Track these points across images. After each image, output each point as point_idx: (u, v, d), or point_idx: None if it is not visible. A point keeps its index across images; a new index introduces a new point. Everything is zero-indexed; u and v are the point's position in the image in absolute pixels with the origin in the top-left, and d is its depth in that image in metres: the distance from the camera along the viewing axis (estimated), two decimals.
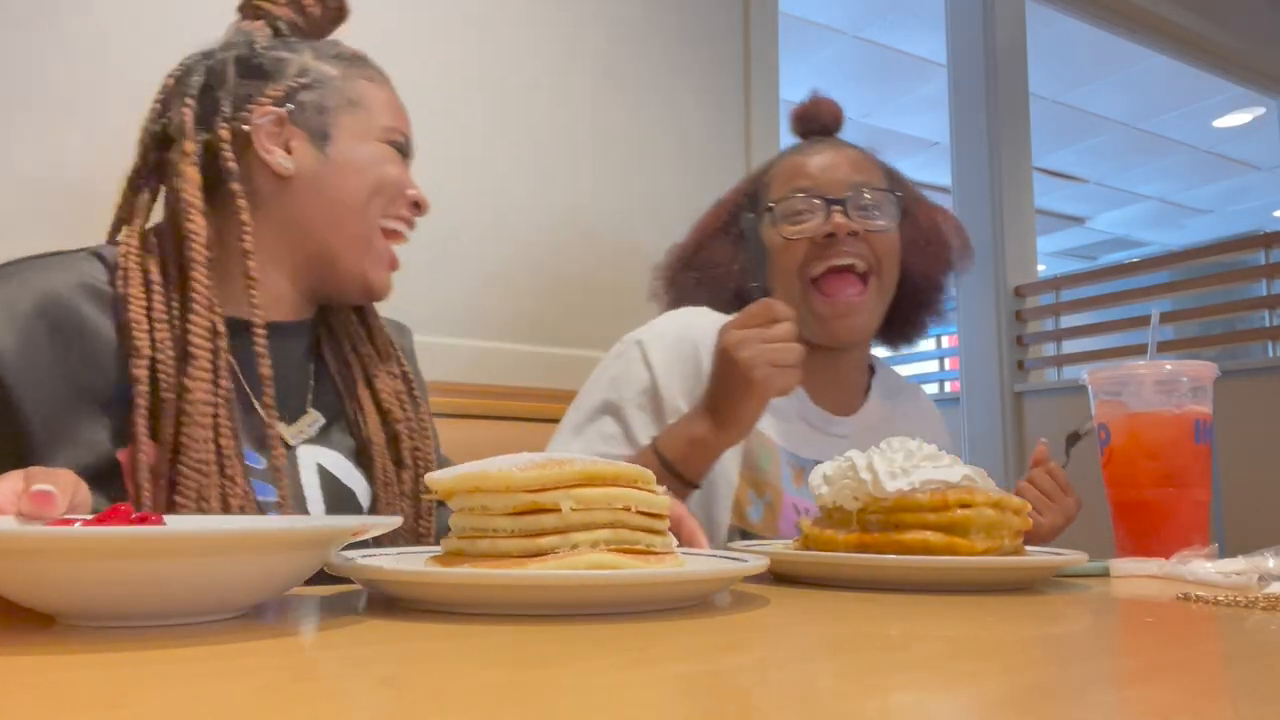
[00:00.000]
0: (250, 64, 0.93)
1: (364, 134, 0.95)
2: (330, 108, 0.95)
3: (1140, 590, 0.76)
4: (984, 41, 2.92)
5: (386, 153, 0.96)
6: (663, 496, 0.62)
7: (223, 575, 0.48)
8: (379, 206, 0.95)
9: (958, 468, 0.75)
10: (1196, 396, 0.95)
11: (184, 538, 0.46)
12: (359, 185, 0.94)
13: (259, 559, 0.49)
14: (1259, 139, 5.15)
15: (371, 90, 0.97)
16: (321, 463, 0.92)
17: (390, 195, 0.96)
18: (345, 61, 0.97)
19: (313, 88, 0.94)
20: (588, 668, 0.40)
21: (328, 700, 0.34)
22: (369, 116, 0.96)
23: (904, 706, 0.35)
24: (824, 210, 1.13)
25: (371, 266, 0.95)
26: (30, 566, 0.45)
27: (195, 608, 0.49)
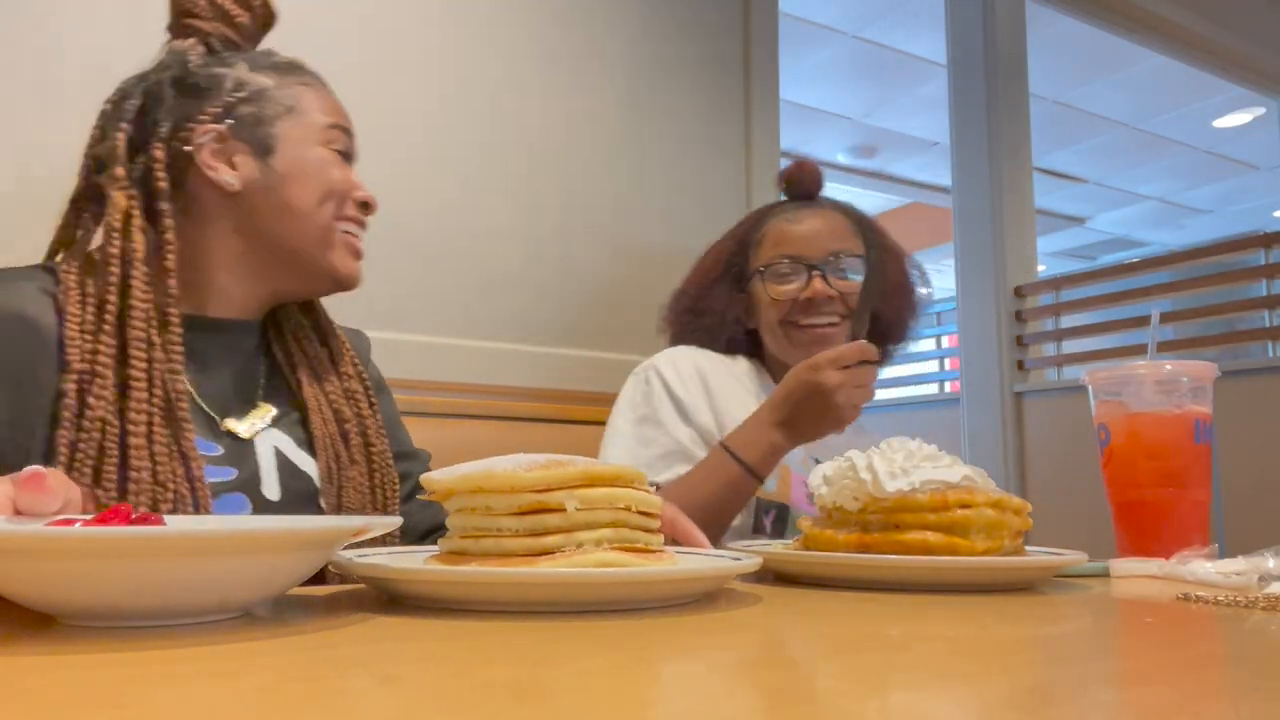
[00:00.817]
0: (186, 83, 0.95)
1: (305, 140, 0.97)
2: (269, 118, 0.96)
3: (1140, 590, 0.76)
4: (984, 41, 2.92)
5: (329, 157, 0.97)
6: (655, 496, 0.63)
7: (222, 575, 0.48)
8: (329, 210, 0.97)
9: (958, 468, 0.75)
10: (1196, 396, 0.95)
11: (183, 538, 0.46)
12: (306, 193, 0.95)
13: (258, 559, 0.49)
14: (1259, 139, 5.15)
15: (308, 95, 0.99)
16: (279, 446, 0.94)
17: (338, 198, 0.98)
18: (280, 70, 0.99)
19: (250, 100, 0.96)
20: (588, 667, 0.40)
21: (328, 700, 0.34)
22: (308, 121, 0.97)
23: (904, 706, 0.35)
24: (805, 274, 1.34)
25: (336, 258, 0.97)
26: (30, 566, 0.45)
27: (195, 608, 0.49)
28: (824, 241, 1.35)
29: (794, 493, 1.28)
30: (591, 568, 0.56)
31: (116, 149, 0.91)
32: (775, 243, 1.38)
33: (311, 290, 1.01)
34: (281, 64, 1.00)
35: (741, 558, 0.68)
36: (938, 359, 4.80)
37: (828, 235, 1.36)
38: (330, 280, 0.99)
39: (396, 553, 0.70)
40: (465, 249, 1.58)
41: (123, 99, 0.94)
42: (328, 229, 0.97)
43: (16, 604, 0.48)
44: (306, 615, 0.55)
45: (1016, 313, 2.86)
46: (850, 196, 6.79)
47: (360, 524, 0.55)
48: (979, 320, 2.92)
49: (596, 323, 1.53)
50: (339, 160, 0.99)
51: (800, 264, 1.34)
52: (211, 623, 0.49)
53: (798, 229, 1.37)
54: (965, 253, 2.99)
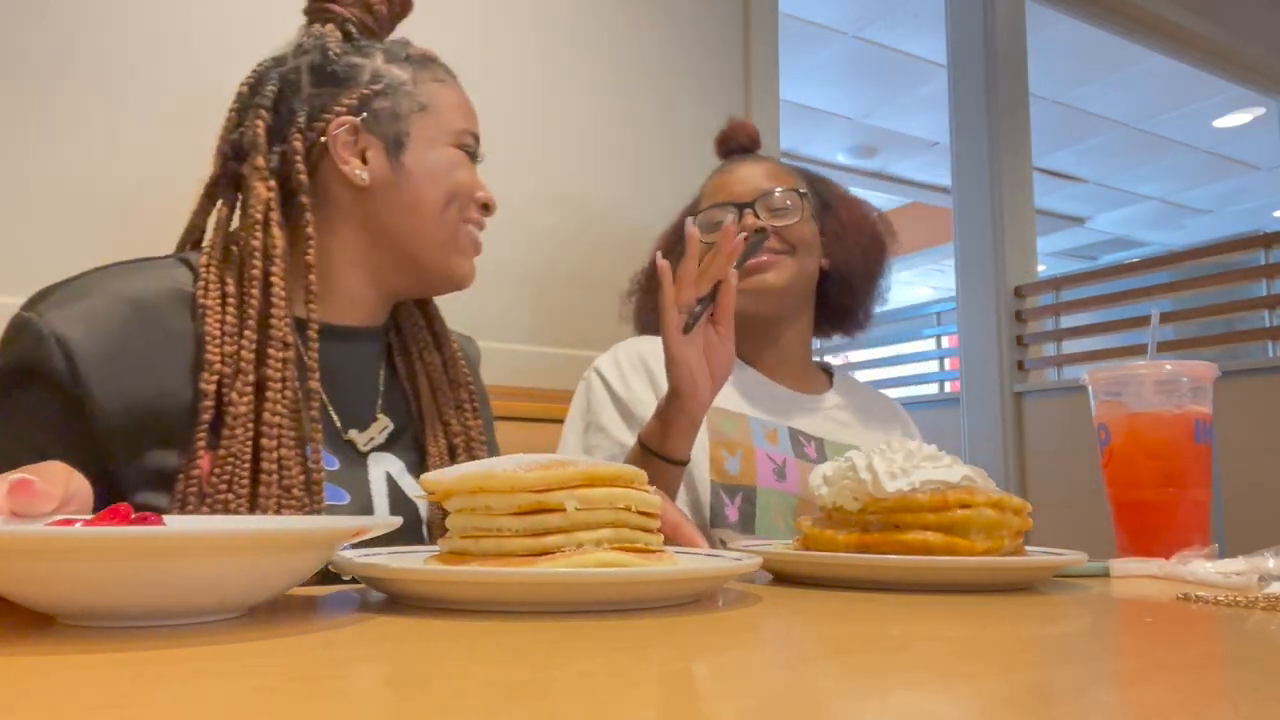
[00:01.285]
0: (324, 71, 0.92)
1: (436, 139, 0.95)
2: (403, 114, 0.94)
3: (1140, 590, 0.76)
4: (984, 41, 2.92)
5: (457, 157, 0.96)
6: (654, 496, 0.63)
7: (222, 575, 0.48)
8: (455, 212, 0.96)
9: (958, 468, 0.75)
10: (1196, 396, 0.95)
11: (180, 538, 0.46)
12: (434, 193, 0.94)
13: (257, 559, 0.49)
14: (1259, 139, 5.15)
15: (442, 93, 0.97)
16: (390, 471, 0.92)
17: (464, 200, 0.97)
18: (416, 64, 0.97)
19: (386, 94, 0.94)
20: (588, 667, 0.40)
21: (328, 700, 0.34)
22: (440, 120, 0.96)
23: (904, 706, 0.35)
24: (735, 215, 1.29)
25: (456, 259, 0.97)
26: (29, 566, 0.45)
27: (195, 608, 0.49)
28: (756, 182, 1.31)
29: (760, 471, 1.24)
30: (591, 568, 0.56)
31: (258, 137, 0.89)
32: (710, 195, 1.35)
33: (427, 289, 1.00)
34: (417, 57, 0.98)
35: (742, 558, 0.68)
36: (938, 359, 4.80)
37: (760, 176, 1.32)
38: (447, 280, 0.98)
39: (397, 552, 0.70)
40: None
41: (259, 83, 0.92)
42: (452, 230, 0.96)
43: (16, 604, 0.48)
44: (306, 615, 0.55)
45: (1016, 313, 2.86)
46: None
47: (359, 524, 0.55)
48: (979, 320, 2.92)
49: (597, 323, 1.52)
50: (466, 160, 0.98)
51: (731, 205, 1.30)
52: (211, 623, 0.49)
53: (729, 175, 1.34)
54: (965, 253, 2.99)
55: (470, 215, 0.98)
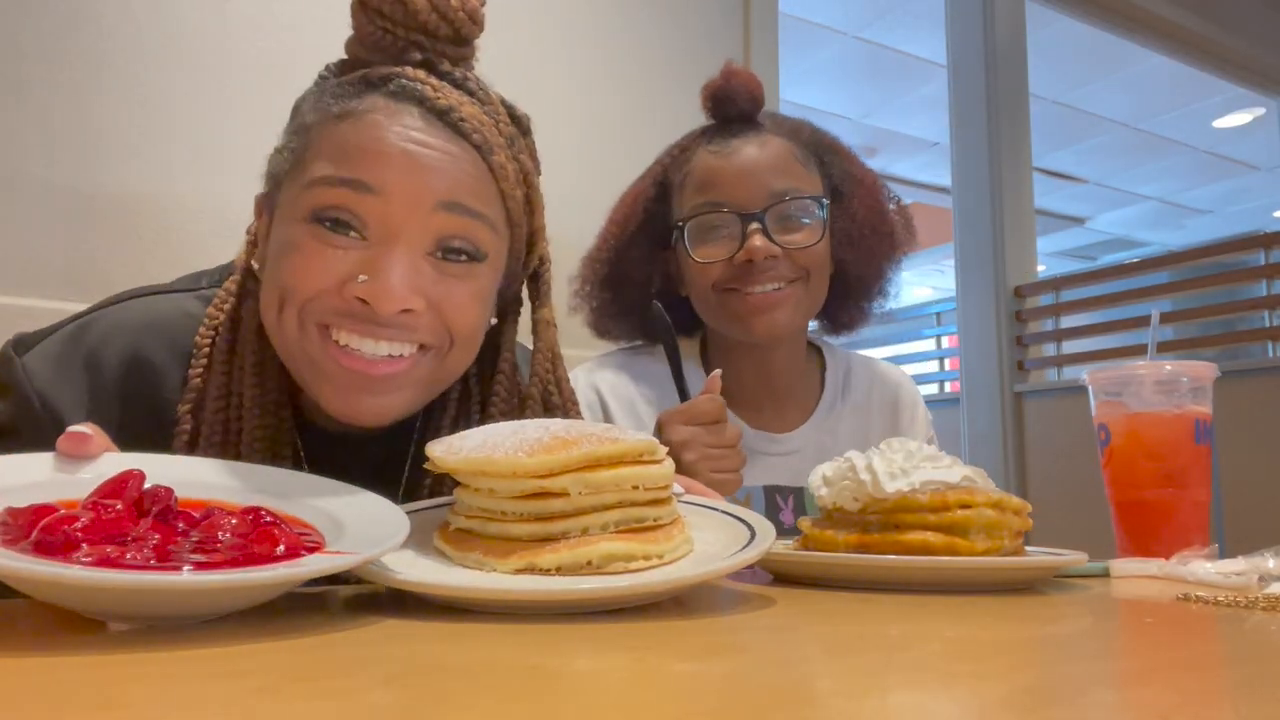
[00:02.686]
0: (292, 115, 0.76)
1: (289, 210, 0.70)
2: (279, 176, 0.72)
3: (1140, 591, 0.76)
4: (984, 41, 2.92)
5: (295, 237, 0.67)
6: (666, 469, 0.61)
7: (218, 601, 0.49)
8: (292, 319, 0.68)
9: (958, 468, 0.75)
10: (1196, 397, 0.95)
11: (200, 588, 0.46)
12: (268, 294, 0.71)
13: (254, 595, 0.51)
14: (1259, 139, 5.15)
15: (331, 133, 0.69)
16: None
17: (303, 299, 0.67)
18: (331, 98, 0.71)
19: (278, 153, 0.74)
20: (589, 667, 0.40)
21: (328, 700, 0.34)
22: (300, 176, 0.69)
23: (904, 706, 0.35)
24: (739, 227, 1.03)
25: (320, 387, 0.70)
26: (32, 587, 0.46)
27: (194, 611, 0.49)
28: (763, 180, 1.04)
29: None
30: (585, 579, 0.55)
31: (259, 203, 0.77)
32: (700, 185, 1.06)
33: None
34: (344, 87, 0.71)
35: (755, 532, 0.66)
36: (938, 359, 4.80)
37: (768, 171, 1.04)
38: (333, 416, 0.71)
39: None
40: None
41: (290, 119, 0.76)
42: (297, 345, 0.69)
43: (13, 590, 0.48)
44: (306, 615, 0.55)
45: (1016, 313, 2.86)
46: None
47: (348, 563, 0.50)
48: (979, 320, 2.92)
49: None
50: (324, 238, 0.67)
51: (732, 213, 1.03)
52: (212, 623, 0.49)
53: (728, 165, 1.05)
54: (965, 253, 2.99)
55: (329, 320, 0.67)
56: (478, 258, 0.72)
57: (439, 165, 0.69)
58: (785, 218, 1.04)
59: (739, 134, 1.09)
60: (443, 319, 0.70)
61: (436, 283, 0.69)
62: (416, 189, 0.67)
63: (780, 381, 1.17)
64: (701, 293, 1.08)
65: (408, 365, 0.70)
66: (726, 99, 1.12)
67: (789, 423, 1.18)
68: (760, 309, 1.04)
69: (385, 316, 0.67)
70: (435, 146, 0.69)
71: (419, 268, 0.68)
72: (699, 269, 1.06)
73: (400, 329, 0.68)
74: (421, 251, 0.69)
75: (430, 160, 0.68)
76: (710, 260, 1.05)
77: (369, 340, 0.68)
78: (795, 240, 1.04)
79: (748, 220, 1.03)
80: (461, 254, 0.71)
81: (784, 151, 1.08)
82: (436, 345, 0.71)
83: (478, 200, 0.71)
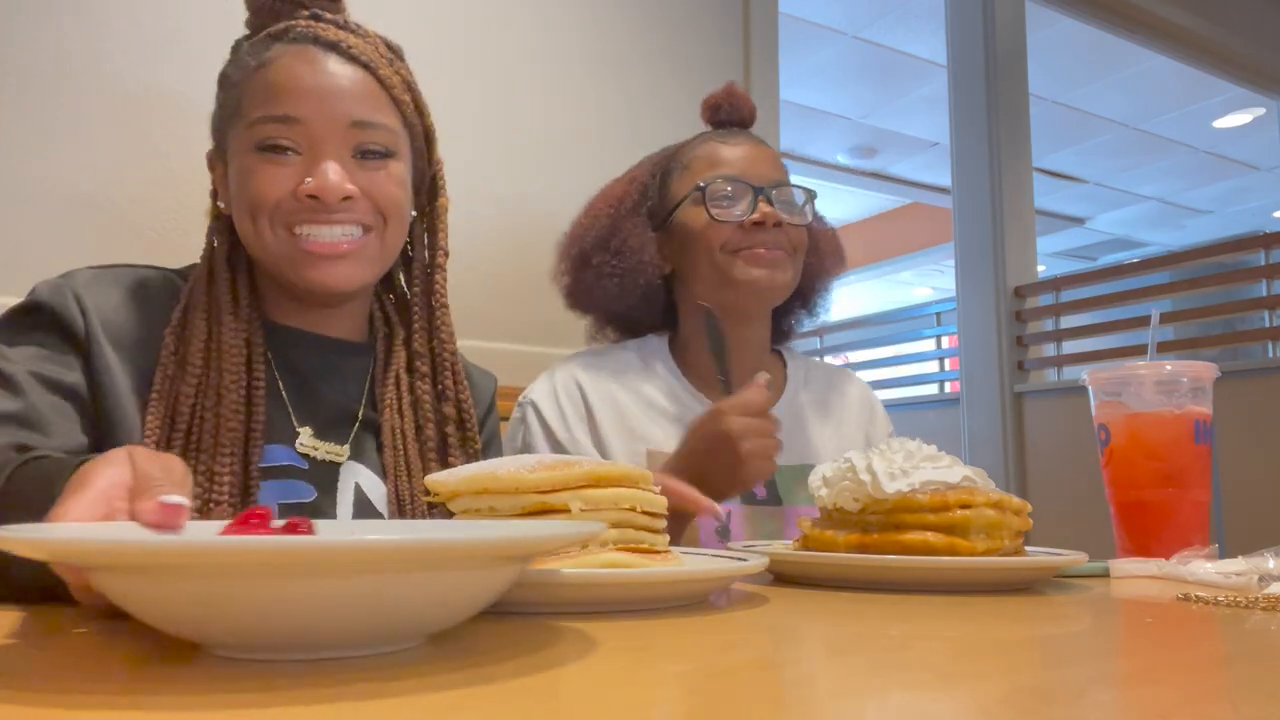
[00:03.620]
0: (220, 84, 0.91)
1: (240, 147, 0.87)
2: (223, 127, 0.90)
3: (1140, 591, 0.76)
4: (984, 42, 2.92)
5: (251, 164, 0.86)
6: (661, 496, 0.63)
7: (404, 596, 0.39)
8: (267, 225, 0.86)
9: (958, 468, 0.75)
10: (1196, 397, 0.95)
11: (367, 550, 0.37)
12: (240, 215, 0.88)
13: (449, 575, 0.40)
14: (1259, 139, 5.16)
15: (255, 81, 0.87)
16: (360, 482, 0.91)
17: (272, 209, 0.86)
18: (245, 55, 0.89)
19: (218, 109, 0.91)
20: (589, 667, 0.40)
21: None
22: (241, 120, 0.87)
23: (904, 706, 0.35)
24: (752, 197, 1.17)
25: (302, 272, 0.87)
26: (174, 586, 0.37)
27: (366, 636, 0.41)
28: (768, 168, 1.20)
29: (702, 534, 1.13)
30: (596, 569, 0.56)
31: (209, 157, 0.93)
32: (712, 163, 1.20)
33: (315, 301, 0.93)
34: (255, 44, 0.89)
35: (747, 559, 0.68)
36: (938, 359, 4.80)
37: (767, 163, 1.21)
38: (312, 293, 0.90)
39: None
40: (462, 250, 1.58)
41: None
42: (279, 244, 0.87)
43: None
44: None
45: (1017, 313, 2.87)
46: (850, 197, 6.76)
47: (572, 532, 0.47)
48: (979, 321, 2.92)
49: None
50: (270, 161, 0.85)
51: (744, 184, 1.17)
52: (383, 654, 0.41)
53: (739, 150, 1.21)
54: (965, 253, 2.99)
55: (296, 219, 0.86)
56: (388, 154, 0.90)
57: (342, 88, 0.87)
58: (785, 199, 1.20)
59: (738, 132, 1.26)
60: (373, 202, 0.88)
61: (361, 176, 0.87)
62: (330, 113, 0.86)
63: (750, 359, 1.24)
64: (707, 254, 1.18)
65: (359, 244, 0.88)
66: (728, 106, 1.29)
67: None
68: (765, 262, 1.17)
69: (332, 204, 0.85)
70: (335, 74, 0.87)
71: (347, 166, 0.87)
72: (709, 230, 1.17)
73: (345, 213, 0.87)
74: (346, 156, 0.87)
75: (334, 86, 0.87)
76: (728, 220, 1.17)
77: (324, 228, 0.86)
78: (792, 217, 1.19)
79: (759, 192, 1.17)
80: (374, 153, 0.89)
81: (775, 154, 1.26)
82: (374, 225, 0.89)
83: (377, 111, 0.89)
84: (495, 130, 1.66)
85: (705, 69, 1.94)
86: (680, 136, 1.29)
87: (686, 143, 1.26)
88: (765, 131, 2.00)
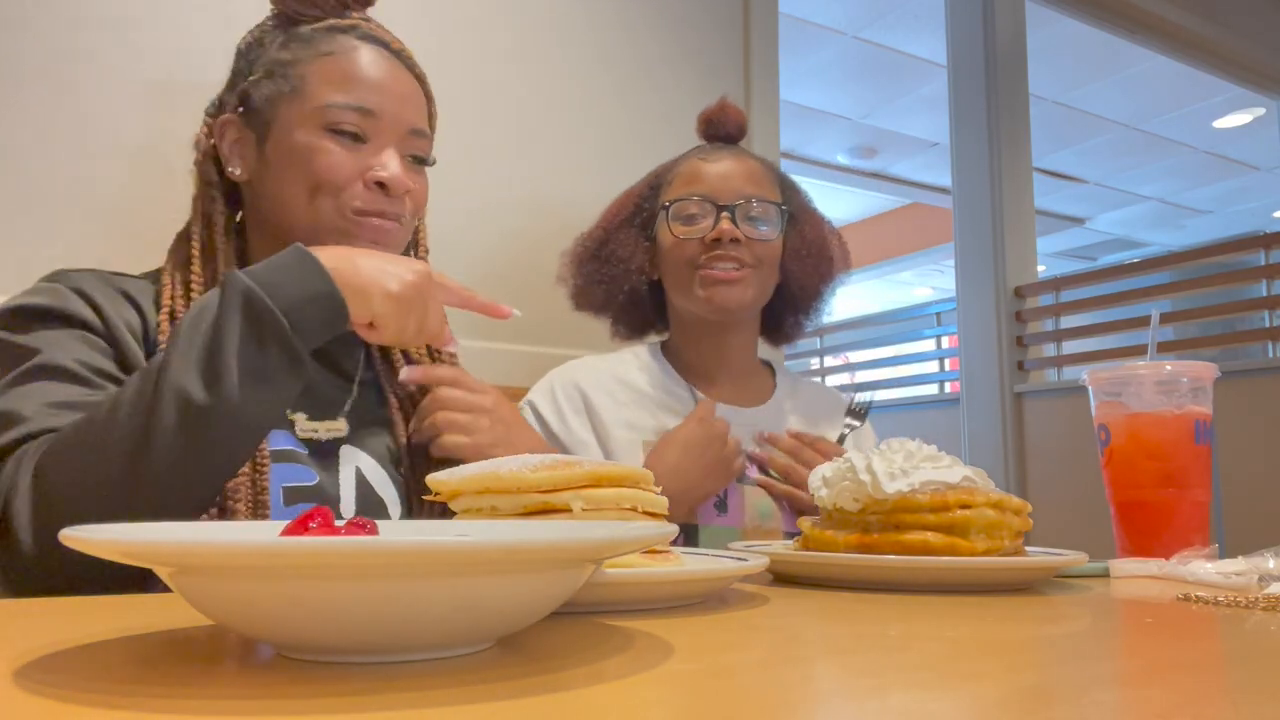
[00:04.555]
0: (236, 66, 0.96)
1: (301, 122, 0.90)
2: (272, 99, 0.92)
3: (1140, 591, 0.76)
4: (984, 42, 2.92)
5: (320, 142, 0.90)
6: (662, 497, 0.63)
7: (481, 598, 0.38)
8: (328, 201, 0.90)
9: (958, 469, 0.75)
10: (1197, 397, 0.95)
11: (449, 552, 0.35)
12: (294, 184, 0.90)
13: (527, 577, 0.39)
14: (1259, 139, 5.16)
15: (323, 69, 0.91)
16: (360, 467, 0.92)
17: (335, 187, 0.90)
18: (308, 42, 0.93)
19: (263, 82, 0.92)
20: (589, 667, 0.40)
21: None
22: (308, 100, 0.91)
23: (904, 706, 0.35)
24: (714, 214, 1.25)
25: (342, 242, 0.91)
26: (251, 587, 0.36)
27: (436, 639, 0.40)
28: (737, 184, 1.26)
29: (700, 507, 1.21)
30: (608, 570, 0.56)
31: (198, 138, 0.97)
32: (686, 181, 1.29)
33: None
34: (318, 33, 0.94)
35: (747, 559, 0.68)
36: (938, 359, 4.80)
37: (742, 178, 1.27)
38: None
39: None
40: (462, 249, 1.58)
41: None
42: (333, 220, 0.90)
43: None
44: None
45: (1017, 313, 2.86)
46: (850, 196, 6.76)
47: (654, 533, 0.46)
48: (979, 321, 2.92)
49: (596, 323, 1.53)
50: (339, 144, 0.90)
51: (709, 203, 1.25)
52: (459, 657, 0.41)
53: (712, 168, 1.28)
54: (965, 253, 2.99)
55: (355, 203, 0.91)
56: (428, 162, 0.99)
57: (408, 93, 0.96)
58: (750, 215, 1.26)
59: (724, 148, 1.33)
60: (413, 201, 0.96)
61: (410, 177, 0.95)
62: (399, 113, 0.94)
63: (736, 362, 1.34)
64: (675, 267, 1.28)
65: (395, 232, 0.95)
66: (719, 122, 1.36)
67: (748, 402, 1.34)
68: (720, 281, 1.24)
69: (396, 194, 0.93)
70: (402, 79, 0.96)
71: (406, 165, 0.95)
72: (677, 245, 1.27)
73: (398, 205, 0.94)
74: (401, 156, 0.94)
75: (403, 90, 0.95)
76: (686, 237, 1.26)
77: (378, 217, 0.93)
78: (754, 234, 1.26)
79: (721, 210, 1.25)
80: (420, 159, 0.98)
81: (757, 168, 1.31)
82: (408, 218, 0.97)
83: (425, 121, 0.99)
84: (492, 129, 1.66)
85: (705, 69, 1.94)
86: (679, 138, 1.33)
87: (678, 158, 1.34)
88: (765, 132, 2.00)
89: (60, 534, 0.38)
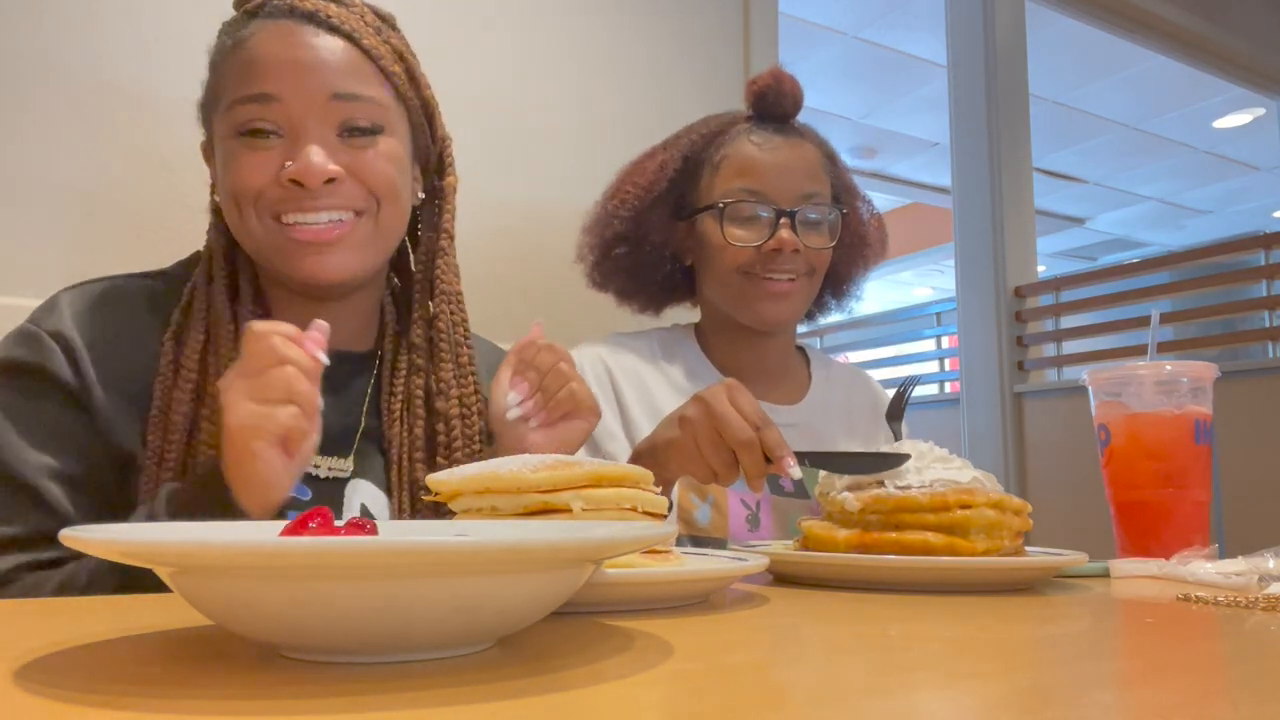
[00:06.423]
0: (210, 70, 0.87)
1: (223, 134, 0.82)
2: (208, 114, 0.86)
3: (1140, 591, 0.76)
4: (984, 42, 2.92)
5: (233, 149, 0.81)
6: (662, 497, 0.63)
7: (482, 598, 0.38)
8: (254, 214, 0.82)
9: (968, 471, 0.75)
10: (1196, 397, 0.95)
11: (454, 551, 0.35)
12: (227, 203, 0.83)
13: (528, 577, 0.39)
14: (1259, 139, 5.16)
15: (230, 63, 0.82)
16: (365, 502, 0.88)
17: (253, 197, 0.81)
18: (220, 37, 0.85)
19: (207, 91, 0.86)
20: (589, 667, 0.40)
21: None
22: (220, 105, 0.82)
23: (904, 706, 0.35)
24: (773, 220, 1.14)
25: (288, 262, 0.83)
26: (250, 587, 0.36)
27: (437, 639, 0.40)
28: (797, 181, 1.14)
29: (732, 522, 1.14)
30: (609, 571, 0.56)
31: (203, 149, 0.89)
32: (740, 171, 1.15)
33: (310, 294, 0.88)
34: (230, 25, 0.85)
35: (747, 559, 0.68)
36: (938, 359, 4.80)
37: (803, 173, 1.15)
38: (303, 285, 0.85)
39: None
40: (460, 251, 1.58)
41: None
42: (264, 234, 0.82)
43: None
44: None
45: (1017, 313, 2.86)
46: None
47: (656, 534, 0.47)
48: (979, 321, 2.92)
49: (596, 322, 1.52)
50: (252, 146, 0.80)
51: (769, 206, 1.13)
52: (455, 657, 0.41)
53: (769, 159, 1.15)
54: (965, 253, 2.99)
55: (281, 207, 0.81)
56: (376, 130, 0.84)
57: (321, 61, 0.81)
58: (809, 218, 1.16)
59: (780, 132, 1.19)
60: (363, 183, 0.83)
61: (347, 154, 0.82)
62: (308, 88, 0.80)
63: (772, 365, 1.26)
64: (722, 273, 1.17)
65: (349, 228, 0.83)
66: (775, 98, 1.20)
67: (784, 399, 1.26)
68: (773, 296, 1.15)
69: (315, 188, 0.79)
70: (313, 46, 0.81)
71: (331, 145, 0.81)
72: (726, 250, 1.15)
73: (331, 197, 0.81)
74: (330, 135, 0.82)
75: (312, 59, 0.81)
76: (742, 244, 1.14)
77: (310, 214, 0.81)
78: (814, 241, 1.16)
79: (781, 215, 1.13)
80: (361, 130, 0.83)
81: (813, 157, 1.19)
82: (366, 208, 0.84)
83: (361, 83, 0.83)
84: (491, 128, 1.65)
85: (705, 69, 1.94)
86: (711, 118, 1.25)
87: (723, 134, 1.20)
88: None
89: (60, 534, 0.38)
